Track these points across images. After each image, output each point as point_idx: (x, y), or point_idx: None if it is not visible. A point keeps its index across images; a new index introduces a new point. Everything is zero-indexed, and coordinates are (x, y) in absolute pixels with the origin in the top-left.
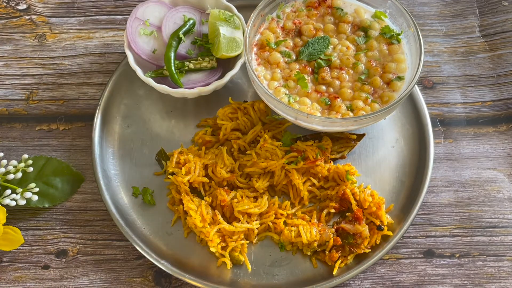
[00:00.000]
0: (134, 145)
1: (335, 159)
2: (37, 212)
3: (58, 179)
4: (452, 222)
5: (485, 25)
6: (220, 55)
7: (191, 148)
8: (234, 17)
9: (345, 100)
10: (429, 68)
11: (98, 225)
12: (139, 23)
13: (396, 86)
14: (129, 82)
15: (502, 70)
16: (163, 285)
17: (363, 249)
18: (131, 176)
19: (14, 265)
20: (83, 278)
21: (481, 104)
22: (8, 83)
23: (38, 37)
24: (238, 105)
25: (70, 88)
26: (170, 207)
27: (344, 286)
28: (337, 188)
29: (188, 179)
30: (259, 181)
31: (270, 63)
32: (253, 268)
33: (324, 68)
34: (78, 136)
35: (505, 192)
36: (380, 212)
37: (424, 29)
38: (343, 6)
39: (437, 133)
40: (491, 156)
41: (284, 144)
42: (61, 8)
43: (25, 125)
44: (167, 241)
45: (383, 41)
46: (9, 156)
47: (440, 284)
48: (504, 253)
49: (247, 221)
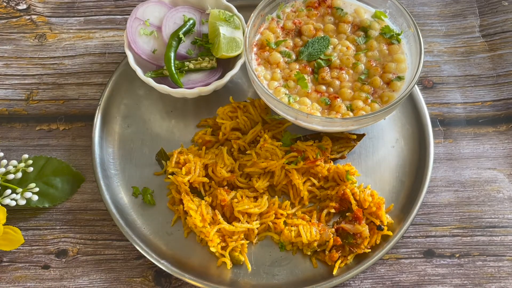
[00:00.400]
0: (134, 145)
1: (335, 159)
2: (37, 212)
3: (58, 179)
4: (452, 222)
5: (485, 25)
6: (220, 55)
7: (191, 148)
8: (234, 17)
9: (345, 100)
10: (429, 68)
11: (98, 225)
12: (139, 23)
13: (396, 86)
14: (129, 82)
15: (502, 70)
16: (163, 285)
17: (363, 249)
18: (131, 176)
19: (14, 265)
20: (83, 278)
21: (481, 104)
22: (8, 83)
23: (38, 37)
24: (238, 104)
25: (70, 88)
26: (170, 207)
27: (344, 286)
28: (337, 188)
29: (188, 179)
30: (259, 181)
31: (270, 63)
32: (253, 268)
33: (324, 68)
34: (78, 136)
35: (505, 192)
36: (380, 212)
37: (424, 29)
38: (343, 6)
39: (437, 133)
40: (491, 156)
41: (284, 144)
42: (61, 8)
43: (25, 125)
44: (167, 241)
45: (383, 41)
46: (9, 156)
47: (440, 284)
48: (504, 253)
49: (247, 221)
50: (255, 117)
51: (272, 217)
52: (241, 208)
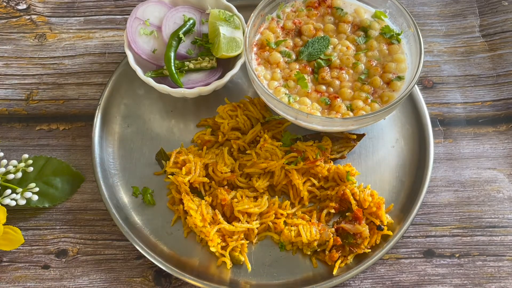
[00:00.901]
0: (134, 145)
1: (335, 159)
2: (37, 212)
3: (58, 179)
4: (452, 222)
5: (485, 25)
6: (220, 55)
7: (191, 148)
8: (234, 17)
9: (345, 100)
10: (429, 68)
11: (98, 225)
12: (139, 23)
13: (396, 86)
14: (129, 82)
15: (502, 70)
16: (163, 285)
17: (363, 249)
18: (131, 176)
19: (14, 265)
20: (83, 278)
21: (481, 104)
22: (8, 83)
23: (38, 37)
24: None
25: (70, 88)
26: (170, 207)
27: (344, 286)
28: (337, 188)
29: (189, 179)
30: (259, 180)
31: (270, 63)
32: (253, 268)
33: (324, 68)
34: (78, 136)
35: (505, 192)
36: (380, 212)
37: (424, 29)
38: (343, 6)
39: (437, 133)
40: (491, 156)
41: (284, 144)
42: (61, 8)
43: (25, 125)
44: (167, 241)
45: (383, 41)
46: (9, 156)
47: (440, 284)
48: (504, 253)
49: (247, 221)
50: (255, 114)
51: (272, 217)
52: (241, 208)
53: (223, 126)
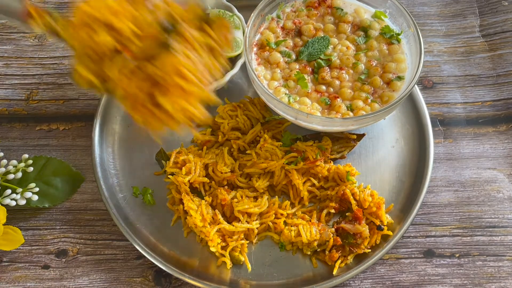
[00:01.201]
0: (134, 145)
1: (335, 159)
2: (37, 212)
3: (58, 179)
4: (452, 222)
5: (485, 25)
6: None
7: (191, 148)
8: (234, 17)
9: (345, 100)
10: (429, 68)
11: (98, 225)
12: None
13: (396, 86)
14: None
15: (502, 70)
16: (163, 285)
17: (363, 249)
18: (131, 176)
19: (14, 265)
20: (83, 278)
21: (481, 104)
22: (8, 83)
23: (38, 37)
24: (238, 103)
25: (70, 88)
26: (170, 207)
27: (344, 286)
28: (337, 189)
29: (189, 179)
30: (259, 180)
31: (270, 63)
32: (253, 268)
33: (324, 68)
34: (78, 136)
35: (505, 192)
36: (380, 212)
37: (424, 29)
38: (343, 6)
39: (437, 133)
40: (491, 156)
41: (284, 144)
42: (61, 8)
43: (25, 125)
44: (167, 241)
45: (383, 41)
46: (9, 156)
47: (440, 284)
48: (504, 253)
49: (247, 221)
50: (255, 114)
51: (272, 217)
52: (241, 208)
53: (223, 126)
